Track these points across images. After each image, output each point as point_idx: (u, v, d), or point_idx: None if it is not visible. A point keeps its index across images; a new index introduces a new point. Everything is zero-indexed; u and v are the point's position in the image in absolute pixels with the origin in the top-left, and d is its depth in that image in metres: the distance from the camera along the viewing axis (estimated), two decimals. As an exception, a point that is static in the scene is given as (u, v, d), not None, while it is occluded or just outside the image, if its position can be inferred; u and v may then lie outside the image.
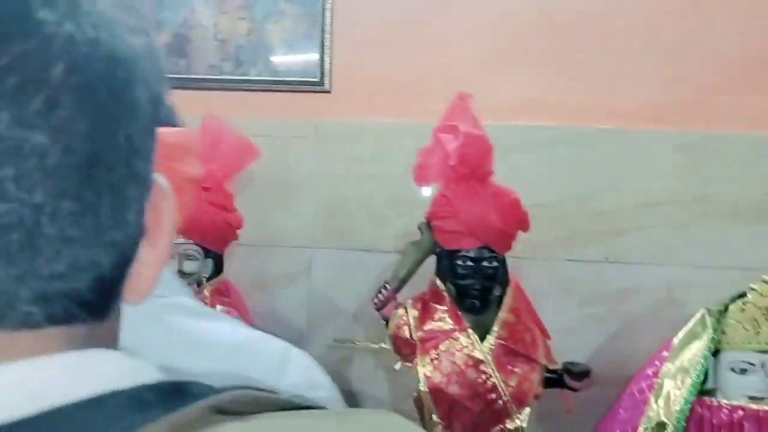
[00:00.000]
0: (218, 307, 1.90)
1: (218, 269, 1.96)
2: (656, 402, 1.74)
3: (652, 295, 2.29)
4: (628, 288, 2.32)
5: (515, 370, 1.77)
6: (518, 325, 1.82)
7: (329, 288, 2.36)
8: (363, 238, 2.33)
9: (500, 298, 1.84)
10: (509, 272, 1.89)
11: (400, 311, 1.87)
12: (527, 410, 1.76)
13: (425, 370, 1.77)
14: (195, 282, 1.90)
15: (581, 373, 1.80)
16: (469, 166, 1.68)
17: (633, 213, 2.30)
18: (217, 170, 1.86)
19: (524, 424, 1.75)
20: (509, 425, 1.74)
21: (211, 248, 1.91)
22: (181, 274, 1.85)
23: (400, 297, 1.93)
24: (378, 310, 1.89)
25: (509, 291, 1.85)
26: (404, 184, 2.15)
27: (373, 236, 2.34)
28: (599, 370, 2.09)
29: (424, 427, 1.80)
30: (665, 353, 1.80)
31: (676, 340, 1.79)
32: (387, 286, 1.88)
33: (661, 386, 1.76)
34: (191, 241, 1.87)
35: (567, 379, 1.82)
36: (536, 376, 1.79)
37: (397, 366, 1.90)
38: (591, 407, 2.05)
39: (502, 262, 1.83)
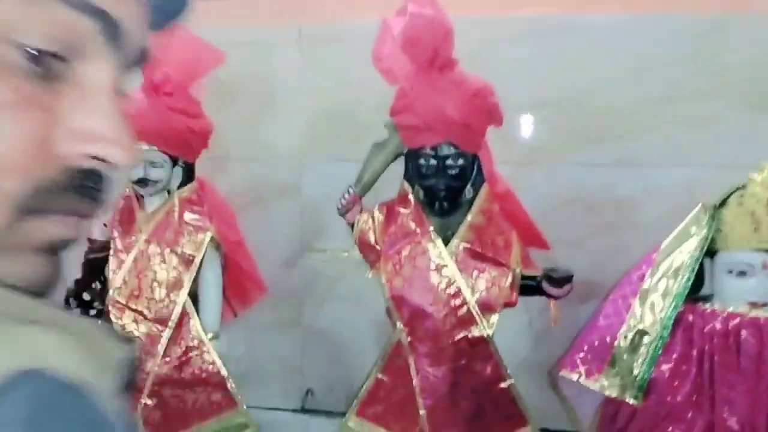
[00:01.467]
0: (187, 215, 1.87)
1: (189, 178, 1.92)
2: (640, 308, 1.57)
3: (671, 199, 2.05)
4: (642, 193, 2.10)
5: (482, 275, 1.64)
6: (489, 228, 1.68)
7: (321, 200, 2.28)
8: (354, 148, 2.21)
9: (472, 201, 1.70)
10: (486, 173, 1.73)
11: (364, 216, 1.77)
12: (495, 317, 1.64)
13: (387, 276, 1.68)
14: (164, 190, 1.87)
15: (562, 279, 1.64)
16: (418, 50, 1.52)
17: (647, 109, 2.06)
18: (174, 74, 1.79)
19: (491, 332, 1.63)
20: (474, 332, 1.62)
21: (177, 156, 1.87)
22: (146, 181, 1.83)
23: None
24: (342, 215, 1.80)
25: (481, 192, 1.70)
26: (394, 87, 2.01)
27: (364, 145, 2.23)
28: (608, 284, 1.92)
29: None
30: (654, 256, 1.61)
31: (665, 242, 1.60)
32: (350, 190, 1.78)
33: (646, 292, 1.58)
34: (156, 148, 1.83)
35: (545, 286, 1.67)
36: (506, 282, 1.65)
37: (369, 274, 1.81)
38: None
39: (472, 160, 1.67)
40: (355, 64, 2.19)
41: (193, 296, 1.88)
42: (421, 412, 1.63)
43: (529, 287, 1.70)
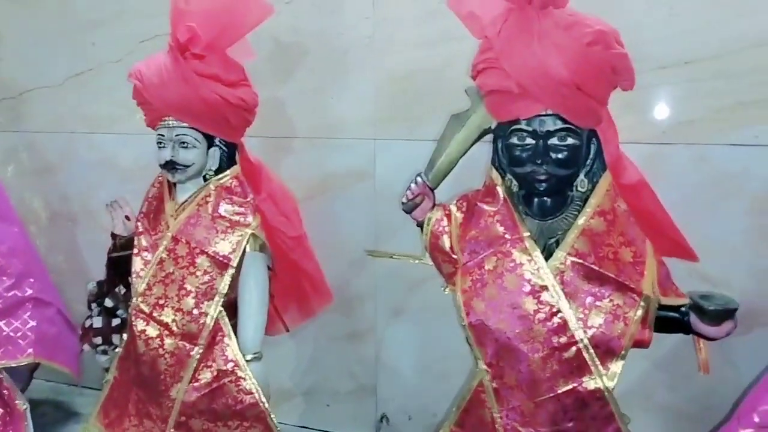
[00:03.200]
0: (223, 207, 1.51)
1: (230, 161, 1.56)
2: None
3: None
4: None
5: (600, 302, 1.15)
6: (610, 236, 1.18)
7: (399, 189, 1.85)
8: (439, 124, 1.77)
9: (586, 197, 1.21)
10: (609, 158, 1.23)
11: (437, 214, 1.33)
12: (618, 365, 1.15)
13: (465, 297, 1.23)
14: (198, 176, 1.53)
15: (719, 313, 1.12)
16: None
17: None
18: (206, 31, 1.42)
19: (611, 384, 1.14)
20: (588, 384, 1.14)
21: (213, 134, 1.51)
22: (174, 165, 1.48)
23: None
24: (407, 211, 1.36)
25: (601, 184, 1.20)
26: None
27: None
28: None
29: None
30: None
31: None
32: (419, 178, 1.34)
33: None
34: (185, 124, 1.48)
35: (695, 321, 1.16)
36: (636, 314, 1.15)
37: (445, 290, 1.37)
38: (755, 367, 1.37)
39: (587, 139, 1.18)
40: (439, 16, 1.74)
41: (233, 307, 1.53)
42: (508, 487, 1.18)
43: (669, 321, 1.20)
